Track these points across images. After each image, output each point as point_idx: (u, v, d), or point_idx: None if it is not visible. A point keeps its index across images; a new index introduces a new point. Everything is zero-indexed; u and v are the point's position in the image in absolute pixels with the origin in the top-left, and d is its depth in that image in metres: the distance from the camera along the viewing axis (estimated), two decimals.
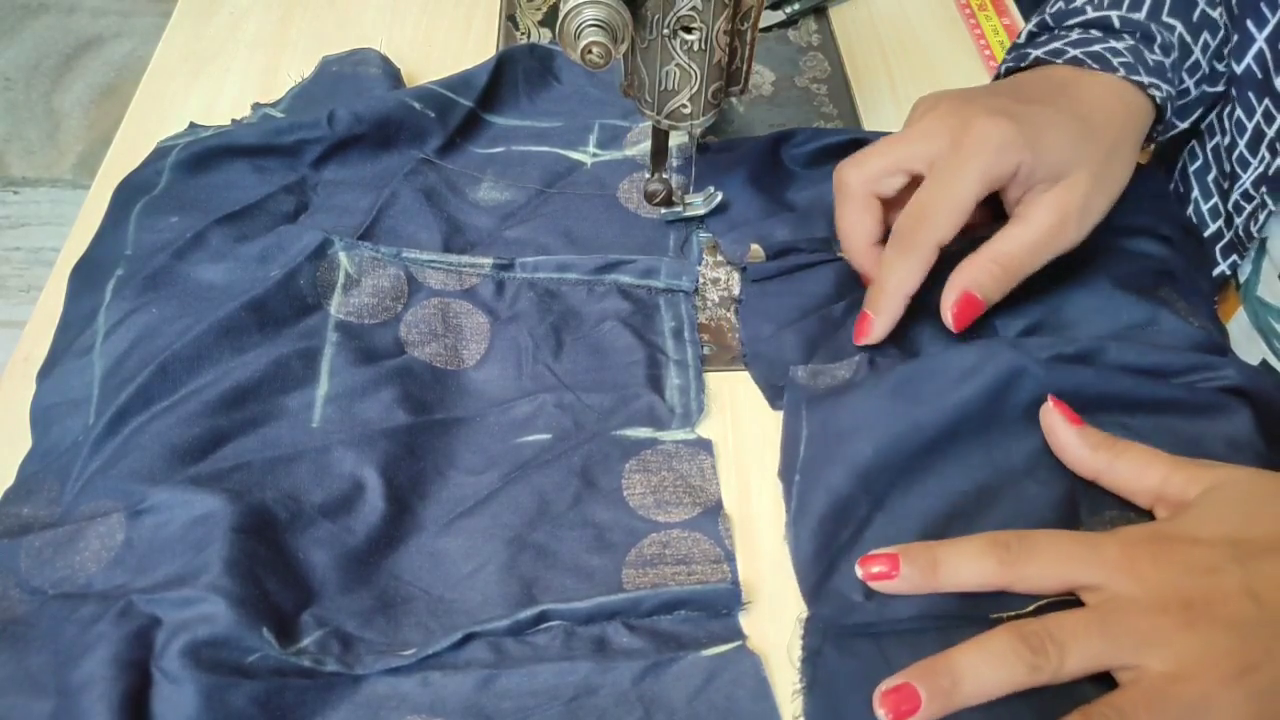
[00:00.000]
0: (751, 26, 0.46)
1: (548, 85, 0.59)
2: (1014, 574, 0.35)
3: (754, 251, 0.50)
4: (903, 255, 0.43)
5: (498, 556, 0.39)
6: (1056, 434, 0.40)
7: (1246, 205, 0.48)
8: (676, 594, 0.37)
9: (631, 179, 0.54)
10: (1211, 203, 0.51)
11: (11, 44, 1.71)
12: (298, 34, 0.64)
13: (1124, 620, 0.33)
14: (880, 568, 0.36)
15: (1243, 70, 0.47)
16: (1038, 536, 0.36)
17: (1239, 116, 0.48)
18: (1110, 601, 0.34)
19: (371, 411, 0.42)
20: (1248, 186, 0.47)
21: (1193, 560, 0.34)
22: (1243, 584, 0.33)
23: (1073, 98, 0.45)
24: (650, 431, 0.43)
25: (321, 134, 0.52)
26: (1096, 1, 0.48)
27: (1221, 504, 0.36)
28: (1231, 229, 0.49)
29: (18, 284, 1.42)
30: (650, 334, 0.47)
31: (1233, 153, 0.48)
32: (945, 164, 0.43)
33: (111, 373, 0.42)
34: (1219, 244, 0.50)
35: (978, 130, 0.42)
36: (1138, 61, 0.45)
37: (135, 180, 0.51)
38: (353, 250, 0.47)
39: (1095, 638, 0.33)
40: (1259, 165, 0.47)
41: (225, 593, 0.34)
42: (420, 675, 0.35)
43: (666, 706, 0.35)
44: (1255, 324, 0.48)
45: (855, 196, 0.45)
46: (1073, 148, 0.43)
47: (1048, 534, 0.36)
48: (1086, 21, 0.47)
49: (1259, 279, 0.48)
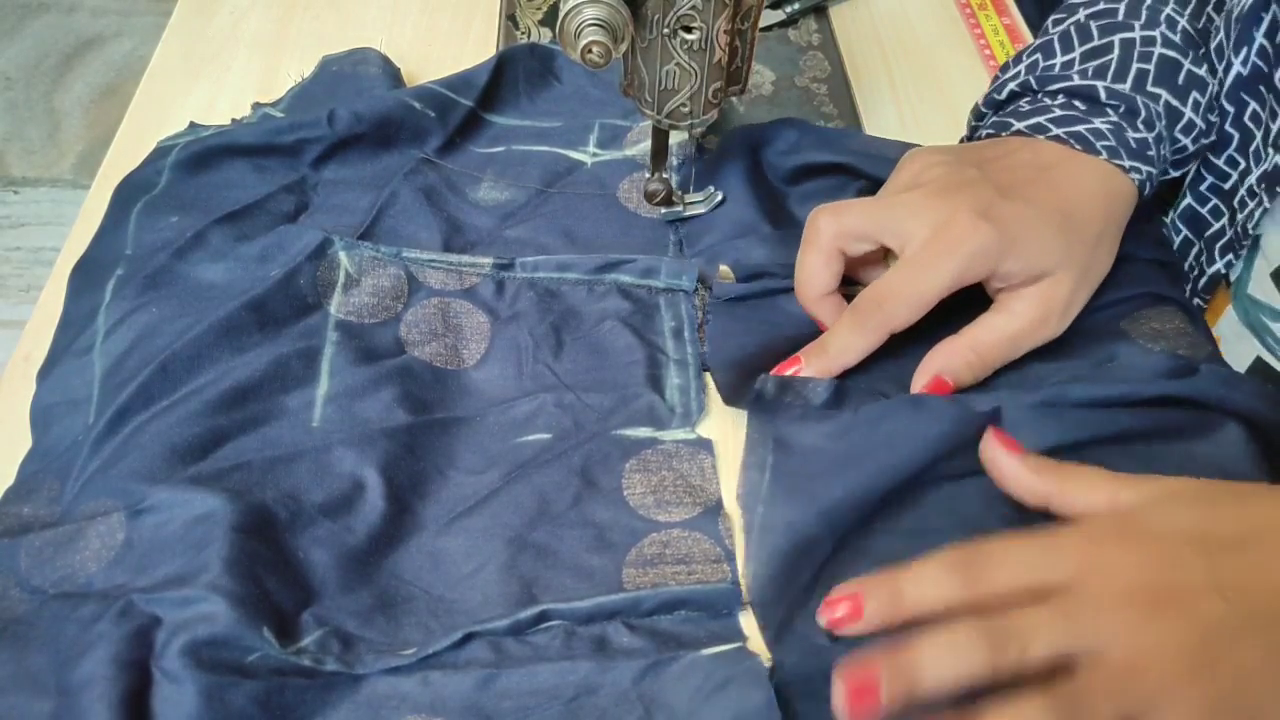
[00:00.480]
0: (751, 26, 0.46)
1: (548, 85, 0.59)
2: (980, 588, 0.34)
3: (723, 272, 0.49)
4: (854, 332, 0.43)
5: (498, 556, 0.39)
6: (999, 464, 0.40)
7: (1250, 201, 0.48)
8: (677, 594, 0.37)
9: (632, 179, 0.54)
10: (1210, 205, 0.51)
11: (11, 44, 1.71)
12: (298, 34, 0.64)
13: (1088, 613, 0.33)
14: (844, 610, 0.36)
15: (1249, 70, 0.47)
16: (994, 546, 0.35)
17: (1254, 109, 0.48)
18: (1074, 596, 0.34)
19: (371, 411, 0.42)
20: (1252, 183, 0.47)
21: (1157, 555, 0.34)
22: (1209, 580, 0.33)
23: (1057, 186, 0.44)
24: (650, 431, 0.43)
25: (321, 134, 0.52)
26: (1082, 69, 0.47)
27: (1179, 504, 0.36)
28: (1234, 225, 0.49)
29: (18, 284, 1.42)
30: (650, 333, 0.47)
31: (1248, 146, 0.48)
32: (919, 255, 0.42)
33: (111, 372, 0.42)
34: (1219, 242, 0.50)
35: (958, 230, 0.41)
36: (1120, 144, 0.45)
37: (135, 180, 0.51)
38: (353, 250, 0.47)
39: (1058, 631, 0.33)
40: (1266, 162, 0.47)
41: (225, 592, 0.34)
42: (420, 675, 0.35)
43: (666, 706, 0.35)
44: (1245, 321, 0.48)
45: (824, 248, 0.44)
46: (1056, 247, 0.43)
47: (1004, 542, 0.35)
48: (1071, 90, 0.47)
49: (1250, 277, 0.48)
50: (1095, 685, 0.32)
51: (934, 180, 0.44)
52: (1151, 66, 0.47)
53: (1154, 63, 0.47)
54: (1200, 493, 0.36)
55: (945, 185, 0.43)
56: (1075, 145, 0.45)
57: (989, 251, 0.41)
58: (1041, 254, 0.43)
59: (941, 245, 0.42)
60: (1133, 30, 0.47)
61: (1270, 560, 0.33)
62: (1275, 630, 0.32)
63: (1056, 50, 0.49)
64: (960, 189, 0.43)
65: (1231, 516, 0.35)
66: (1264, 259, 0.47)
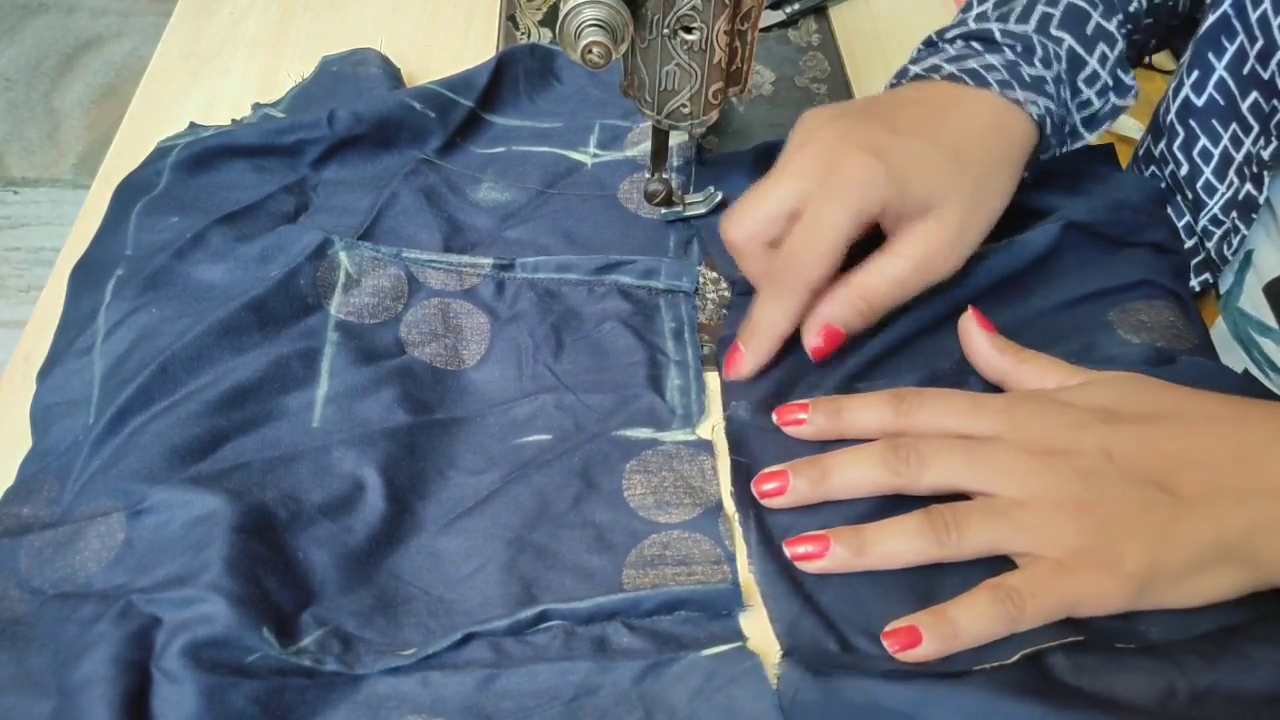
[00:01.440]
0: (751, 26, 0.46)
1: (548, 85, 0.59)
2: (905, 421, 0.40)
3: None
4: (775, 298, 0.44)
5: (498, 556, 0.39)
6: (970, 337, 0.43)
7: (1216, 230, 0.48)
8: (677, 594, 0.37)
9: (632, 179, 0.54)
10: (1184, 220, 0.51)
11: (11, 44, 1.71)
12: (298, 34, 0.64)
13: (990, 453, 0.38)
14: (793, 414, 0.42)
15: (1204, 101, 0.47)
16: (931, 391, 0.41)
17: (1203, 145, 0.48)
18: (984, 441, 0.38)
19: (371, 411, 0.42)
20: (1216, 212, 0.48)
21: (1065, 418, 0.38)
22: (1101, 443, 0.37)
23: (947, 122, 0.44)
24: (651, 432, 0.43)
25: (321, 134, 0.52)
26: (980, 14, 0.48)
27: (1104, 385, 0.40)
28: (1204, 250, 0.49)
29: (18, 284, 1.42)
30: (651, 334, 0.47)
31: (1196, 180, 0.48)
32: (814, 207, 0.42)
33: (111, 373, 0.42)
34: (1194, 260, 0.50)
35: (844, 170, 0.42)
36: (1012, 77, 0.45)
37: (135, 180, 0.51)
38: (353, 250, 0.47)
39: (956, 464, 0.38)
40: (1227, 190, 0.47)
41: (225, 592, 0.34)
42: (420, 675, 0.35)
43: (667, 706, 0.35)
44: (1235, 334, 0.49)
45: (746, 253, 0.45)
46: (942, 180, 0.43)
47: (940, 390, 0.41)
48: (968, 33, 0.47)
49: (1241, 290, 0.48)
50: (975, 509, 0.37)
51: (821, 134, 0.44)
52: (1057, 11, 0.47)
53: (1060, 8, 0.47)
54: (1130, 380, 0.40)
55: (831, 137, 0.43)
56: (967, 81, 0.45)
57: (878, 182, 0.41)
58: (927, 185, 0.42)
59: (832, 189, 0.42)
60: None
61: (1160, 437, 0.37)
62: (1146, 490, 0.36)
63: (974, 4, 0.49)
64: (847, 133, 0.43)
65: (1145, 400, 0.39)
66: (1255, 274, 0.47)
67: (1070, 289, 0.47)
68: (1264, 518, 0.35)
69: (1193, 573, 0.35)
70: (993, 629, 0.35)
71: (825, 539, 0.38)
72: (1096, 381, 0.40)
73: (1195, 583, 0.35)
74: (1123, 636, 0.36)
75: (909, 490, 0.38)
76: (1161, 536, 0.35)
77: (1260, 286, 0.47)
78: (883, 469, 0.38)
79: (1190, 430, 0.38)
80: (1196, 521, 0.35)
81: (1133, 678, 0.34)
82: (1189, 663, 0.34)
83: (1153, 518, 0.35)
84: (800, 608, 0.37)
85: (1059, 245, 0.48)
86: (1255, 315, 0.47)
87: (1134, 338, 0.45)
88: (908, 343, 0.46)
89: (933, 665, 0.35)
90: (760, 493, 0.40)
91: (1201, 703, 0.34)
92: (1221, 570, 0.35)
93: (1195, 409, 0.39)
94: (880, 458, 0.38)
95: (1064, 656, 0.35)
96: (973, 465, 0.38)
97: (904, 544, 0.37)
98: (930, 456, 0.38)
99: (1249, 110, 0.45)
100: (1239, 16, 0.44)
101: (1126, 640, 0.36)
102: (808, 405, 0.42)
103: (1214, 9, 0.46)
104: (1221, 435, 0.37)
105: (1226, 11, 0.45)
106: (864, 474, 0.39)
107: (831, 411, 0.41)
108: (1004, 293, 0.47)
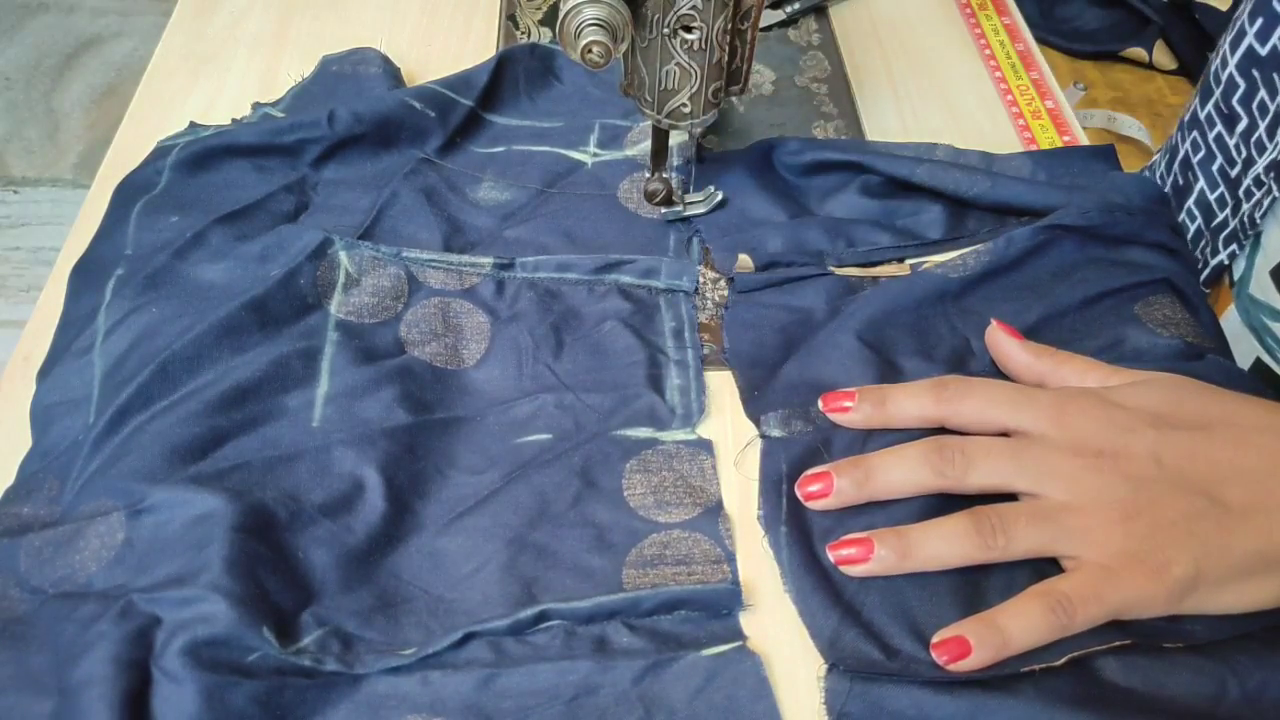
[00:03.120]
0: (751, 26, 0.46)
1: (549, 85, 0.59)
2: (949, 409, 0.39)
3: (742, 261, 0.49)
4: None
5: (498, 556, 0.39)
6: (1002, 347, 0.43)
7: (1256, 191, 0.47)
8: (677, 594, 0.37)
9: (632, 179, 0.54)
10: (1218, 192, 0.50)
11: (11, 44, 1.71)
12: (298, 34, 0.64)
13: (1037, 454, 0.37)
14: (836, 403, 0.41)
15: (1267, 51, 0.45)
16: (977, 381, 0.40)
17: (1261, 98, 0.46)
18: (1031, 440, 0.38)
19: (372, 411, 0.42)
20: (1259, 172, 0.46)
21: (1114, 419, 0.38)
22: (1151, 448, 0.37)
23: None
24: (651, 432, 0.43)
25: (322, 133, 0.52)
26: None
27: (1152, 387, 0.39)
28: (1237, 216, 0.48)
29: (18, 284, 1.42)
30: (651, 334, 0.47)
31: (1251, 136, 0.47)
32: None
33: (111, 372, 0.42)
34: (1223, 233, 0.49)
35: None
36: None
37: (135, 180, 0.51)
38: (353, 250, 0.47)
39: (1004, 464, 0.37)
40: (1273, 150, 0.46)
41: (225, 592, 0.34)
42: (420, 674, 0.35)
43: (667, 706, 0.35)
44: (1247, 321, 0.48)
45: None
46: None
47: (987, 380, 0.40)
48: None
49: (1252, 276, 0.48)
50: (1023, 511, 0.36)
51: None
52: None
53: None
54: (1177, 384, 0.39)
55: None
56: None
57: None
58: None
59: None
60: None
61: (1209, 446, 0.37)
62: (1193, 498, 0.35)
63: None
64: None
65: (1193, 406, 0.38)
66: (1264, 256, 0.47)
67: (1091, 285, 0.47)
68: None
69: (1237, 581, 0.35)
70: (1043, 636, 0.34)
71: (869, 541, 0.37)
72: (1144, 383, 0.40)
73: (1239, 591, 0.35)
74: (1169, 636, 0.36)
75: (954, 490, 0.37)
76: (1208, 545, 0.35)
77: (1268, 270, 0.46)
78: (928, 469, 0.37)
79: (1240, 441, 0.37)
80: (1243, 532, 0.35)
81: (1183, 676, 0.35)
82: (1239, 662, 0.35)
83: (1200, 526, 0.35)
84: (840, 619, 0.36)
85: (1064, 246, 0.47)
86: (1265, 301, 0.46)
87: (1163, 331, 0.45)
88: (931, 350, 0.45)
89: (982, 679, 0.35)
90: (805, 494, 0.39)
91: (1254, 702, 0.34)
92: (1264, 580, 0.35)
93: (1245, 419, 0.38)
94: (925, 458, 0.38)
95: (1113, 658, 0.35)
96: (1020, 467, 0.37)
97: (949, 546, 0.36)
98: (977, 457, 0.37)
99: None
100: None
101: (1173, 640, 0.36)
102: (854, 394, 0.41)
103: None
104: (1272, 448, 0.37)
105: None
106: (909, 474, 0.38)
107: (877, 400, 0.41)
108: (1021, 296, 0.47)
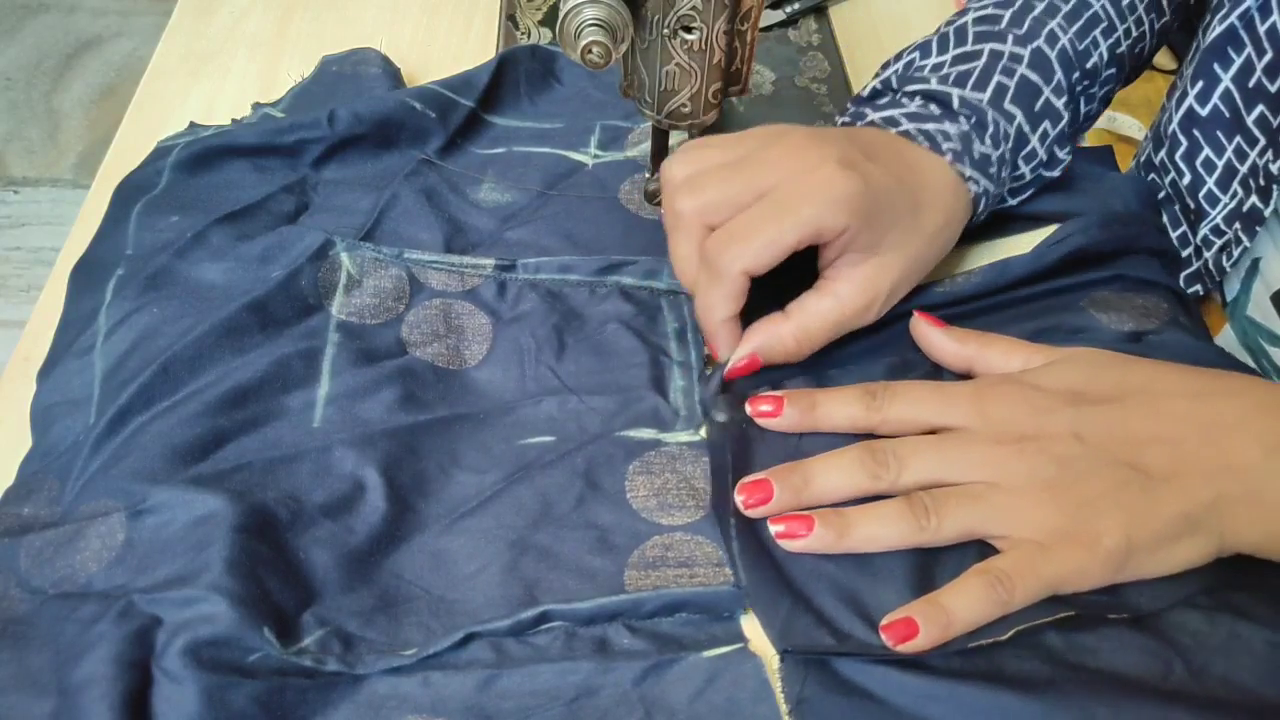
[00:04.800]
0: (751, 26, 0.46)
1: (549, 86, 0.59)
2: (878, 416, 0.40)
3: None
4: (711, 282, 0.41)
5: (500, 557, 0.39)
6: (926, 337, 0.44)
7: (1217, 240, 0.48)
8: (678, 596, 0.37)
9: (633, 180, 0.54)
10: (1180, 230, 0.51)
11: (11, 44, 1.71)
12: (298, 34, 0.64)
13: (964, 447, 0.39)
14: (767, 406, 0.42)
15: (1209, 112, 0.47)
16: (900, 385, 0.42)
17: (1206, 156, 0.48)
18: (958, 434, 0.39)
19: (373, 411, 0.42)
20: (1218, 222, 0.48)
21: (1033, 403, 0.39)
22: (1070, 425, 0.38)
23: (911, 170, 0.43)
24: (654, 433, 0.43)
25: (322, 134, 0.52)
26: (943, 74, 0.47)
27: (1070, 364, 0.41)
28: (1200, 260, 0.49)
29: (18, 284, 1.43)
30: (653, 335, 0.47)
31: (1199, 190, 0.48)
32: (778, 196, 0.40)
33: (112, 372, 0.42)
34: (1185, 271, 0.50)
35: (825, 174, 0.40)
36: (965, 151, 0.44)
37: (135, 180, 0.51)
38: (354, 251, 0.47)
39: (932, 459, 0.39)
40: (1230, 201, 0.47)
41: (226, 592, 0.34)
42: (421, 675, 0.35)
43: (667, 708, 0.35)
44: (1244, 342, 0.49)
45: (689, 227, 0.42)
46: (899, 227, 0.42)
47: (910, 383, 0.42)
48: (928, 92, 0.46)
49: (1249, 299, 0.48)
50: (953, 494, 0.38)
51: (799, 137, 0.42)
52: (1012, 84, 0.46)
53: (1015, 80, 0.46)
54: (1094, 358, 0.41)
55: (812, 141, 0.41)
56: (923, 142, 0.45)
57: (851, 202, 0.40)
58: (886, 227, 0.41)
59: (805, 188, 0.40)
60: (1005, 42, 0.47)
61: (1128, 416, 0.38)
62: (1117, 470, 0.37)
63: (933, 50, 0.48)
64: (828, 142, 0.41)
65: (1110, 379, 0.40)
66: (1263, 282, 0.47)
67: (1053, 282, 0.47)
68: (1228, 492, 0.37)
69: (1165, 544, 0.37)
70: (986, 612, 0.36)
71: (809, 519, 0.38)
72: (1062, 360, 0.41)
73: (1168, 553, 0.37)
74: (1112, 608, 0.37)
75: (891, 492, 0.39)
76: (1135, 513, 0.36)
77: (1269, 295, 0.47)
78: (863, 473, 0.39)
79: (1157, 408, 0.39)
80: (1166, 497, 0.37)
81: (1131, 656, 0.36)
82: (1183, 645, 0.36)
83: (1125, 496, 0.37)
84: (790, 607, 0.37)
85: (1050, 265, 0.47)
86: (1265, 324, 0.47)
87: (1103, 316, 0.46)
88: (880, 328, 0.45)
89: None
90: (743, 504, 0.40)
91: (1198, 677, 0.35)
92: (1190, 540, 0.37)
93: (1162, 385, 0.39)
94: (860, 462, 0.39)
95: (1058, 635, 0.36)
96: (949, 461, 0.39)
97: (884, 527, 0.38)
98: (908, 457, 0.39)
99: (1255, 123, 0.45)
100: (1247, 29, 0.44)
101: (1118, 612, 0.37)
102: (781, 398, 0.42)
103: (1221, 21, 0.45)
104: (1188, 413, 0.38)
105: (1234, 24, 0.45)
106: (846, 479, 0.39)
107: (806, 406, 0.42)
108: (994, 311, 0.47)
